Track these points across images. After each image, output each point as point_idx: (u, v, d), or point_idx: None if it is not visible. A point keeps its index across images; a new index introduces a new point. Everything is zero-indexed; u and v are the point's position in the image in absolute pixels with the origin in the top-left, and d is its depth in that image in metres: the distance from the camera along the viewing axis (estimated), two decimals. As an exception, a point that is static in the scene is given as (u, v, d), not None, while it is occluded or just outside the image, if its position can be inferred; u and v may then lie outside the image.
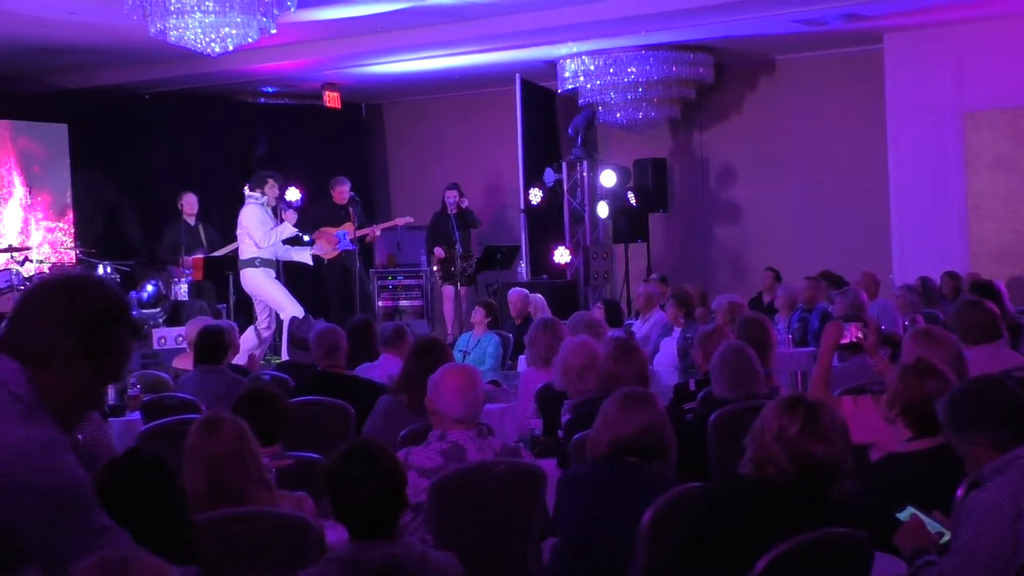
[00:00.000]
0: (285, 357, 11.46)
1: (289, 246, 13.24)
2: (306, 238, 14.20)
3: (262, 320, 12.98)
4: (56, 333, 2.83)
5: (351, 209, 14.93)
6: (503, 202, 18.32)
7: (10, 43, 14.51)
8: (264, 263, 12.84)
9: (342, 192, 15.02)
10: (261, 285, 12.87)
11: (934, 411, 4.31)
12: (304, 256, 13.33)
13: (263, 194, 12.92)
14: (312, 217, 14.55)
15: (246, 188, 13.24)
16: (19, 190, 16.49)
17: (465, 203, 15.72)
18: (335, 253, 14.50)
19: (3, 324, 2.96)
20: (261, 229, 12.74)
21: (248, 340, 12.22)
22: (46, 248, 16.22)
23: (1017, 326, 9.74)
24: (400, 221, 16.18)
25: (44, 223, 16.65)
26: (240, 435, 4.40)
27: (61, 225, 16.83)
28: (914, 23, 15.07)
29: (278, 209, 13.07)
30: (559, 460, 5.72)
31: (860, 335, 6.67)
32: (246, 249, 12.97)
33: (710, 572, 3.71)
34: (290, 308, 12.57)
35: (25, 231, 16.27)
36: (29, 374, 2.79)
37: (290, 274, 13.78)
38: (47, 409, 2.79)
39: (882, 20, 14.80)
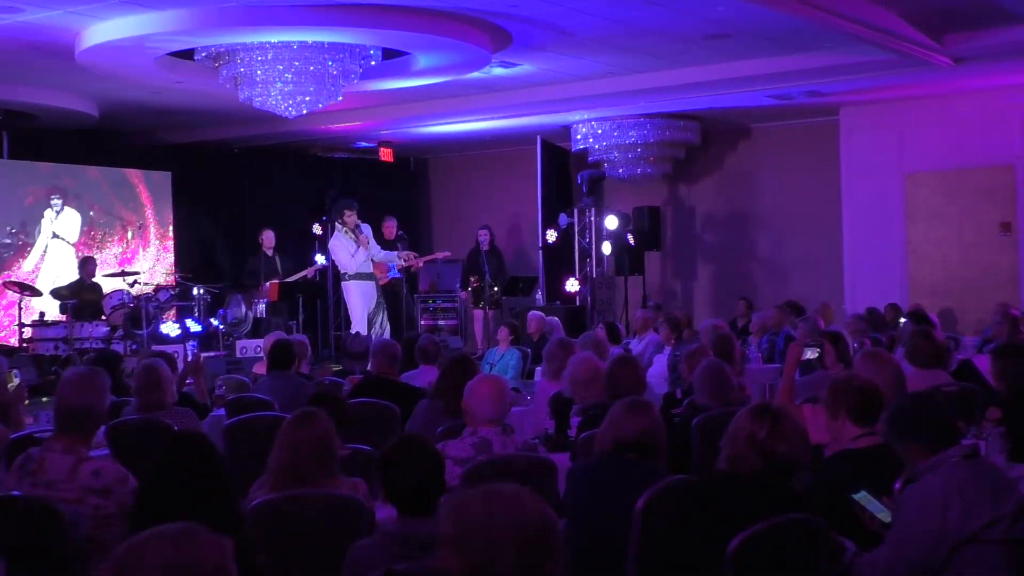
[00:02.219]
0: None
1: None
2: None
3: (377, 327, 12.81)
4: None
5: (399, 244, 14.96)
6: (525, 240, 18.34)
7: (129, 106, 14.63)
8: (354, 277, 12.69)
9: (390, 228, 15.05)
10: (350, 297, 12.76)
11: (870, 405, 4.34)
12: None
13: (343, 223, 12.85)
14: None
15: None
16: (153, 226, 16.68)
17: (486, 243, 15.67)
18: (386, 280, 14.52)
19: None
20: (343, 256, 12.71)
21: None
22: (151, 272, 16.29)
23: (946, 349, 9.69)
24: (439, 255, 16.24)
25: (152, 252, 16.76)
26: (326, 430, 4.40)
27: (164, 254, 16.89)
28: (864, 99, 15.06)
29: (357, 232, 12.92)
30: (572, 454, 5.68)
31: (815, 355, 6.69)
32: (340, 268, 12.97)
33: (694, 551, 3.70)
34: (357, 324, 12.47)
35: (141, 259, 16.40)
36: None
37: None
38: None
39: (838, 96, 14.78)
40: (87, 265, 14.23)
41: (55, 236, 15.62)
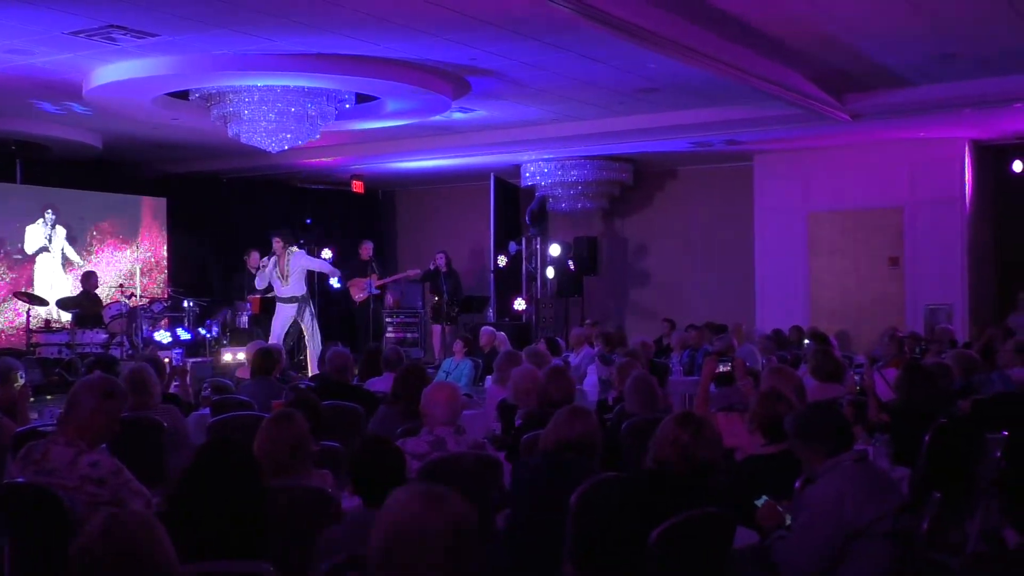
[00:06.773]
0: (313, 371, 11.30)
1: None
2: (337, 285, 14.28)
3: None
4: None
5: (374, 264, 15.01)
6: (478, 264, 18.32)
7: (129, 140, 14.48)
8: (279, 300, 12.68)
9: (366, 250, 15.11)
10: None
11: (782, 425, 4.33)
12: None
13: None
14: (348, 271, 14.67)
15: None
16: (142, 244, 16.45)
17: (443, 265, 15.69)
18: (364, 296, 14.53)
19: None
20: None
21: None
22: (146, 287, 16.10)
23: (843, 366, 9.76)
24: (411, 272, 16.11)
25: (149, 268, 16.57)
26: (302, 428, 4.35)
27: (159, 270, 16.71)
28: (774, 148, 15.23)
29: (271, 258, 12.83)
30: (507, 454, 5.66)
31: (727, 368, 6.73)
32: None
33: (623, 538, 3.70)
34: (272, 338, 12.39)
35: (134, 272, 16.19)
36: None
37: (322, 309, 13.63)
38: None
39: (752, 145, 14.94)
40: (89, 279, 14.03)
41: (45, 251, 15.41)
